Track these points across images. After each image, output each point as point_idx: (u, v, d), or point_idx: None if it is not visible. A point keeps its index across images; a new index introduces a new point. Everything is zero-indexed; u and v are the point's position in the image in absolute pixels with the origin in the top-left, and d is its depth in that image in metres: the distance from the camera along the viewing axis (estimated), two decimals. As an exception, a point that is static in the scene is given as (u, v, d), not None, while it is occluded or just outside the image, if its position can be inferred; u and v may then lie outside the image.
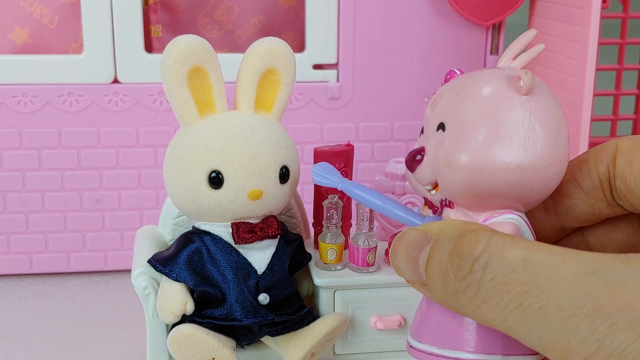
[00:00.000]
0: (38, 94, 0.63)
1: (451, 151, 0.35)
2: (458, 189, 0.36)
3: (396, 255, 0.37)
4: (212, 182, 0.44)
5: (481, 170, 0.35)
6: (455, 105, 0.36)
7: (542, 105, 0.36)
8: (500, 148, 0.35)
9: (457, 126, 0.36)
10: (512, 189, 0.35)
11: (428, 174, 0.37)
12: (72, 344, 0.57)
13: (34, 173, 0.64)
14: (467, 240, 0.34)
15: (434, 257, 0.35)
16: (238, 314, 0.45)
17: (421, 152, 0.37)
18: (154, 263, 0.46)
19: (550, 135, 0.36)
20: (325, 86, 0.66)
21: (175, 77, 0.44)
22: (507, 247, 0.33)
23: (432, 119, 0.38)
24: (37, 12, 0.65)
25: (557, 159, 0.36)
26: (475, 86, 0.36)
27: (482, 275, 0.33)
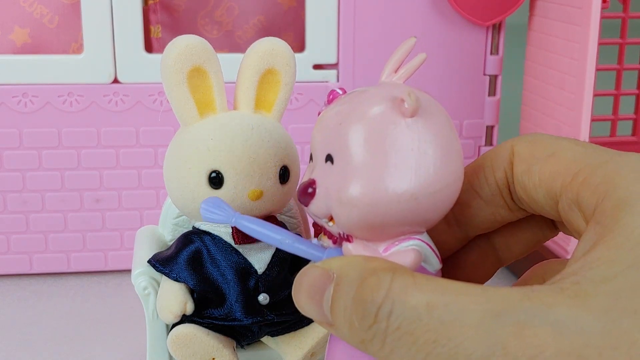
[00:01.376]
0: (38, 94, 0.63)
1: (342, 187, 0.34)
2: (354, 224, 0.35)
3: (299, 295, 0.35)
4: (212, 182, 0.44)
5: (375, 204, 0.34)
6: (340, 135, 0.35)
7: (430, 125, 0.35)
8: (392, 179, 0.33)
9: (344, 159, 0.34)
10: (409, 217, 0.34)
11: (322, 207, 0.36)
12: (72, 344, 0.57)
13: (34, 173, 0.64)
14: (368, 286, 0.32)
15: (338, 300, 0.33)
16: (238, 314, 0.45)
17: (312, 185, 0.36)
18: (154, 263, 0.46)
19: (442, 156, 0.34)
20: (325, 86, 0.66)
21: (175, 77, 0.44)
22: (409, 291, 0.31)
23: (318, 147, 0.36)
24: (37, 12, 0.65)
25: (452, 178, 0.35)
26: (359, 112, 0.35)
27: (386, 324, 0.31)
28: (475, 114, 0.69)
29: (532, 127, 0.68)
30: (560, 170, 0.35)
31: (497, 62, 0.68)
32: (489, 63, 0.68)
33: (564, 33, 0.61)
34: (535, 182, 0.36)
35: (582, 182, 0.34)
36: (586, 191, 0.33)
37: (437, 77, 0.67)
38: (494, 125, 0.70)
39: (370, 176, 0.34)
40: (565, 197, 0.35)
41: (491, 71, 0.68)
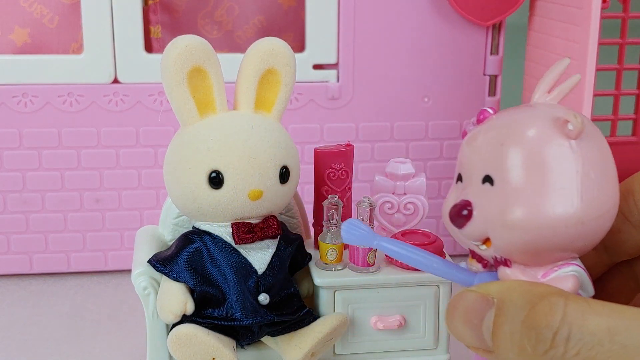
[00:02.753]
0: (38, 94, 0.63)
1: (506, 210, 0.33)
2: (516, 249, 0.34)
3: (453, 319, 0.35)
4: (212, 182, 0.44)
5: (541, 228, 0.33)
6: (501, 156, 0.34)
7: (592, 147, 0.34)
8: (558, 202, 0.33)
9: (507, 180, 0.33)
10: (574, 242, 0.34)
11: (479, 230, 0.35)
12: (72, 344, 0.57)
13: (34, 173, 0.64)
14: (541, 310, 0.32)
15: (502, 325, 0.33)
16: (238, 314, 0.45)
17: (467, 206, 0.35)
18: (154, 263, 0.46)
19: (604, 179, 0.34)
20: (325, 86, 0.66)
21: (175, 77, 0.44)
22: (586, 316, 0.31)
23: (473, 168, 0.35)
24: (37, 12, 0.65)
25: (612, 202, 0.34)
26: (520, 133, 0.34)
27: (564, 349, 0.31)
28: (475, 114, 0.69)
29: (532, 127, 0.68)
30: None
31: (497, 62, 0.68)
32: (489, 63, 0.68)
33: (564, 33, 0.61)
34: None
35: None
36: None
37: (437, 77, 0.67)
38: (494, 125, 0.70)
39: (535, 199, 0.33)
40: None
41: (491, 71, 0.68)
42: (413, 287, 0.49)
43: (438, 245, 0.49)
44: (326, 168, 0.50)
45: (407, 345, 0.50)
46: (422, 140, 0.68)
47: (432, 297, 0.49)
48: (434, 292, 0.49)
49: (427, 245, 0.48)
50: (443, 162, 0.69)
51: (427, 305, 0.49)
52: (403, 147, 0.68)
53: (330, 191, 0.50)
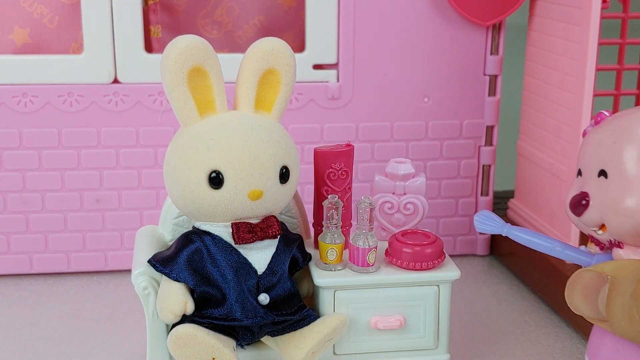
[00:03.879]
0: (38, 94, 0.63)
1: (619, 199, 0.39)
2: (628, 232, 0.39)
3: (573, 296, 0.41)
4: (212, 182, 0.44)
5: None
6: (614, 153, 0.39)
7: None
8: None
9: (619, 174, 0.39)
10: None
11: (595, 217, 0.40)
12: (72, 344, 0.57)
13: (34, 173, 0.64)
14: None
15: (615, 298, 0.38)
16: (238, 314, 0.45)
17: (585, 197, 0.40)
18: (154, 263, 0.46)
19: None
20: (325, 86, 0.66)
21: (175, 77, 0.44)
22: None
23: (590, 163, 0.41)
24: (37, 12, 0.65)
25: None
26: (632, 132, 0.39)
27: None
28: (475, 114, 0.69)
29: (532, 128, 0.68)
30: None
31: (497, 62, 0.68)
32: (489, 63, 0.68)
33: (564, 33, 0.61)
34: None
35: None
36: None
37: (437, 77, 0.67)
38: (494, 125, 0.70)
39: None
40: None
41: (491, 71, 0.68)
42: (413, 287, 0.49)
43: (438, 245, 0.49)
44: (326, 168, 0.50)
45: (407, 345, 0.50)
46: (422, 140, 0.68)
47: (432, 297, 0.49)
48: (434, 292, 0.49)
49: (427, 246, 0.48)
50: (443, 162, 0.69)
51: (427, 305, 0.49)
52: (403, 147, 0.68)
53: (330, 191, 0.50)
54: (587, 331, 0.56)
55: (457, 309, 0.61)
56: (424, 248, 0.48)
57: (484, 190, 0.71)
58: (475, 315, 0.62)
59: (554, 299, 0.61)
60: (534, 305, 0.63)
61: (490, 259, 0.73)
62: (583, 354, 0.56)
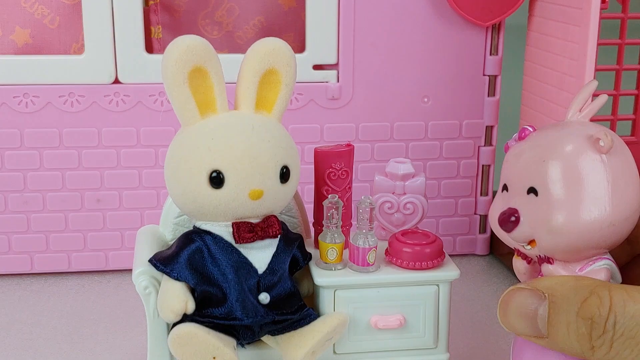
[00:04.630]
0: (39, 94, 0.63)
1: (551, 217, 0.39)
2: (560, 249, 0.40)
3: (507, 315, 0.41)
4: (213, 182, 0.44)
5: (580, 233, 0.39)
6: (543, 171, 0.40)
7: (619, 159, 0.40)
8: (594, 209, 0.39)
9: (549, 192, 0.39)
10: (606, 241, 0.40)
11: (525, 233, 0.40)
12: (73, 343, 0.57)
13: (35, 173, 0.64)
14: (593, 303, 0.38)
15: (558, 316, 0.39)
16: (238, 314, 0.45)
17: (514, 213, 0.40)
18: (155, 262, 0.46)
19: (629, 185, 0.40)
20: (325, 86, 0.66)
21: (176, 77, 0.44)
22: (627, 303, 0.37)
23: (517, 180, 0.41)
24: (38, 13, 0.65)
25: (637, 204, 0.40)
26: (559, 149, 0.40)
27: (613, 332, 0.37)
28: (475, 114, 0.69)
29: (531, 128, 0.68)
30: None
31: (497, 62, 0.68)
32: (488, 63, 0.68)
33: (563, 33, 0.61)
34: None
35: None
36: None
37: (437, 77, 0.67)
38: (493, 125, 0.70)
39: (575, 207, 0.39)
40: None
41: (491, 71, 0.68)
42: (413, 286, 0.49)
43: (438, 245, 0.49)
44: (326, 168, 0.50)
45: (407, 345, 0.50)
46: (422, 140, 0.68)
47: (432, 296, 0.49)
48: (433, 291, 0.49)
49: (427, 245, 0.49)
50: (443, 162, 0.69)
51: (427, 305, 0.49)
52: (403, 147, 0.68)
53: (330, 191, 0.50)
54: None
55: (457, 309, 0.61)
56: (423, 248, 0.48)
57: (483, 190, 0.71)
58: (475, 315, 0.62)
59: (553, 299, 0.61)
60: (533, 305, 0.63)
61: (490, 258, 0.73)
62: (582, 353, 0.56)
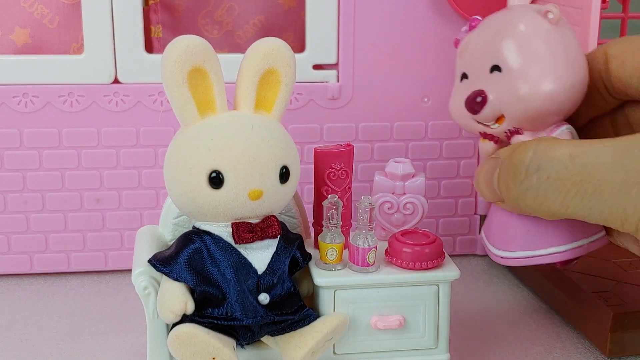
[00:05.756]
0: (38, 94, 0.63)
1: (517, 87, 0.42)
2: (529, 117, 0.43)
3: (478, 183, 0.45)
4: (213, 182, 0.44)
5: (545, 97, 0.42)
6: (504, 47, 0.43)
7: (566, 28, 0.44)
8: (555, 74, 0.42)
9: (512, 65, 0.43)
10: (569, 103, 0.43)
11: (494, 111, 0.43)
12: (73, 343, 0.57)
13: (34, 173, 0.64)
14: (518, 152, 0.41)
15: (502, 176, 0.42)
16: (238, 314, 0.45)
17: (481, 94, 0.44)
18: (155, 263, 0.46)
19: (580, 51, 0.44)
20: (325, 86, 0.66)
21: (175, 77, 0.44)
22: (552, 147, 0.40)
23: (477, 63, 0.44)
24: (37, 13, 0.65)
25: (585, 71, 0.44)
26: (514, 26, 0.43)
27: (537, 177, 0.40)
28: (475, 114, 0.69)
29: (531, 127, 0.68)
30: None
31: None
32: (488, 63, 0.68)
33: (563, 33, 0.61)
34: (629, 71, 0.45)
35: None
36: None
37: (437, 77, 0.67)
38: (493, 125, 0.70)
39: (538, 75, 0.42)
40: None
41: (491, 71, 0.68)
42: (413, 286, 0.49)
43: (438, 245, 0.49)
44: (326, 168, 0.50)
45: (407, 345, 0.50)
46: (422, 140, 0.68)
47: (432, 296, 0.49)
48: (434, 291, 0.49)
49: (427, 245, 0.49)
50: (443, 162, 0.69)
51: (427, 305, 0.49)
52: (403, 147, 0.68)
53: (330, 191, 0.50)
54: (587, 331, 0.56)
55: (457, 309, 0.61)
56: (423, 248, 0.48)
57: (483, 190, 0.71)
58: (475, 315, 0.62)
59: (554, 299, 0.61)
60: (533, 305, 0.63)
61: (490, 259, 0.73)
62: (583, 353, 0.56)
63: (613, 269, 0.60)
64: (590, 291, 0.56)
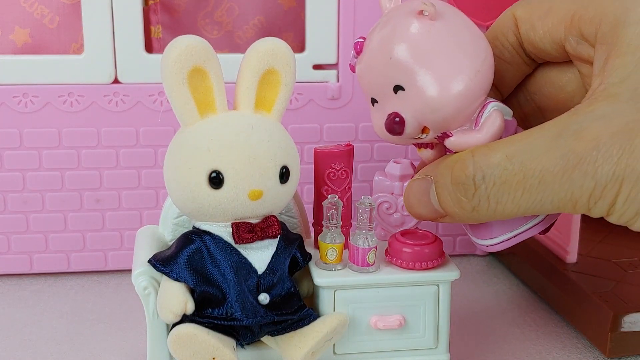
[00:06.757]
0: (38, 94, 0.63)
1: (426, 98, 0.42)
2: (449, 119, 0.42)
3: (410, 205, 0.45)
4: (213, 182, 0.44)
5: (458, 93, 0.41)
6: (396, 66, 0.42)
7: (450, 16, 0.43)
8: (457, 68, 0.42)
9: (412, 79, 0.42)
10: (482, 88, 0.42)
11: (415, 126, 0.43)
12: (72, 343, 0.57)
13: (34, 173, 0.64)
14: (458, 168, 0.41)
15: (441, 192, 0.43)
16: (238, 314, 0.45)
17: (397, 115, 0.43)
18: (154, 263, 0.46)
19: (474, 32, 0.43)
20: (325, 86, 0.66)
21: (175, 77, 0.44)
22: (488, 155, 0.41)
23: (379, 88, 0.44)
24: (37, 13, 0.65)
25: (489, 49, 0.43)
26: (396, 39, 0.42)
27: (485, 186, 0.41)
28: (475, 114, 0.69)
29: (531, 127, 0.68)
30: (559, 18, 0.44)
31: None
32: (488, 63, 0.68)
33: (563, 33, 0.61)
34: (540, 35, 0.45)
35: (579, 19, 0.43)
36: (585, 24, 0.42)
37: (437, 77, 0.67)
38: (493, 125, 0.70)
39: (441, 76, 0.41)
40: (570, 37, 0.44)
41: (491, 71, 0.68)
42: (413, 286, 0.49)
43: (437, 245, 0.49)
44: (326, 168, 0.50)
45: (407, 345, 0.50)
46: (422, 141, 0.68)
47: (432, 296, 0.49)
48: (433, 291, 0.49)
49: (427, 245, 0.48)
50: (443, 162, 0.69)
51: (427, 305, 0.49)
52: (403, 147, 0.68)
53: (330, 191, 0.50)
54: (587, 331, 0.56)
55: (457, 309, 0.61)
56: (423, 248, 0.48)
57: (483, 190, 0.71)
58: (475, 315, 0.62)
59: (554, 299, 0.61)
60: (533, 305, 0.63)
61: (490, 259, 0.73)
62: (583, 353, 0.56)
63: (613, 269, 0.60)
64: (590, 291, 0.56)
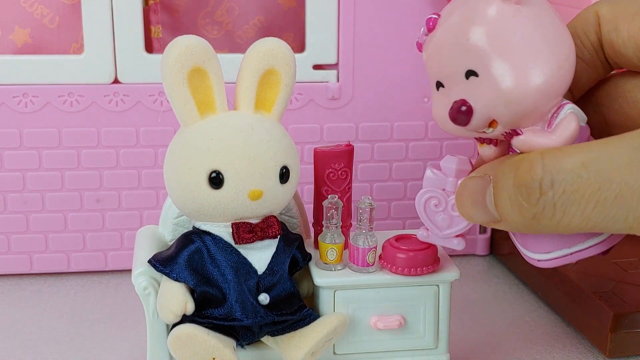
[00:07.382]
0: (38, 94, 0.63)
1: (501, 89, 0.37)
2: (523, 116, 0.38)
3: (463, 205, 0.41)
4: (212, 182, 0.44)
5: (536, 88, 0.37)
6: (473, 48, 0.38)
7: (537, 3, 0.39)
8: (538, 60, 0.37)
9: (489, 66, 0.37)
10: (562, 86, 0.38)
11: (484, 118, 0.38)
12: (72, 344, 0.57)
13: (34, 173, 0.64)
14: (524, 169, 0.37)
15: (500, 194, 0.38)
16: (238, 314, 0.45)
17: (465, 103, 0.38)
18: (154, 263, 0.46)
19: (558, 23, 0.39)
20: (325, 86, 0.66)
21: (175, 77, 0.44)
22: (561, 159, 0.36)
23: (450, 70, 0.39)
24: (37, 13, 0.65)
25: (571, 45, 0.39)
26: (477, 21, 0.38)
27: (553, 192, 0.36)
28: (475, 114, 0.69)
29: (532, 127, 0.68)
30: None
31: None
32: (488, 63, 0.68)
33: (563, 33, 0.61)
34: (623, 39, 0.41)
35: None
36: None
37: (437, 77, 0.67)
38: (493, 125, 0.70)
39: (520, 67, 0.37)
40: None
41: (491, 71, 0.68)
42: (413, 287, 0.49)
43: (432, 251, 0.48)
44: (326, 168, 0.50)
45: (407, 345, 0.50)
46: (422, 140, 0.68)
47: (432, 297, 0.49)
48: (434, 292, 0.49)
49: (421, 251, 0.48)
50: (443, 162, 0.69)
51: (427, 305, 0.49)
52: (403, 147, 0.68)
53: (330, 191, 0.50)
54: (587, 331, 0.56)
55: (457, 309, 0.61)
56: (417, 254, 0.48)
57: (483, 190, 0.71)
58: (475, 315, 0.62)
59: (554, 299, 0.61)
60: (534, 305, 0.63)
61: (490, 259, 0.73)
62: (583, 353, 0.56)
63: (613, 269, 0.60)
64: (590, 291, 0.56)
